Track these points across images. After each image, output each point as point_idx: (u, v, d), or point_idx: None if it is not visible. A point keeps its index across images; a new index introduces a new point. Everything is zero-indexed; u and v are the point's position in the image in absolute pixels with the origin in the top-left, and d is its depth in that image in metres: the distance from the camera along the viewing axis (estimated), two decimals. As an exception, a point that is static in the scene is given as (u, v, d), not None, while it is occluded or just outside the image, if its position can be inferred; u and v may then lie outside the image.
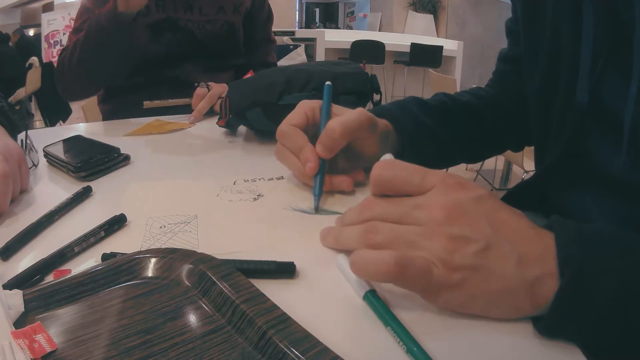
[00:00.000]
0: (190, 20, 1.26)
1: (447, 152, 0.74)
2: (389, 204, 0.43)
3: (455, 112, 0.74)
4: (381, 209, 0.43)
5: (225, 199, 0.61)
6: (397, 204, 0.42)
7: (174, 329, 0.36)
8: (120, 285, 0.42)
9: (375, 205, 0.44)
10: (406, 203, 0.41)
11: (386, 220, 0.42)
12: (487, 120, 0.76)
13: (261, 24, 1.43)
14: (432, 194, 0.40)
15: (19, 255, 0.50)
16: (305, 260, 0.46)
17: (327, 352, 0.33)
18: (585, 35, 0.54)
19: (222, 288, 0.39)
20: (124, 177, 0.71)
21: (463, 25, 8.51)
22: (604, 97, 0.54)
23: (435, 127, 0.70)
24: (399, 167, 0.43)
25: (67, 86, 1.20)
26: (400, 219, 0.41)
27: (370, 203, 0.45)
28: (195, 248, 0.49)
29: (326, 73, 0.81)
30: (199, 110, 1.04)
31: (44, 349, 0.34)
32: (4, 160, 0.59)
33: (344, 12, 11.60)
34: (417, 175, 0.42)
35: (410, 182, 0.42)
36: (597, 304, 0.34)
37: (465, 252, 0.37)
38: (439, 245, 0.37)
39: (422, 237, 0.38)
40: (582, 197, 0.60)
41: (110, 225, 0.53)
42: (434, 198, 0.40)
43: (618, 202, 0.55)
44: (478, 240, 0.37)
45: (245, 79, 0.91)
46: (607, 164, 0.55)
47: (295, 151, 0.60)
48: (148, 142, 0.89)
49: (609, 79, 0.53)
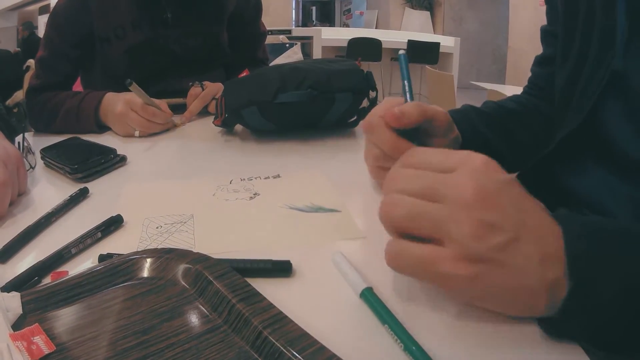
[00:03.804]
0: (169, 37, 1.13)
1: None
2: (414, 177, 0.40)
3: (505, 120, 0.74)
4: (405, 181, 0.40)
5: (222, 198, 0.61)
6: (423, 178, 0.39)
7: (170, 329, 0.37)
8: (117, 286, 0.42)
9: (400, 177, 0.41)
10: (433, 178, 0.38)
11: (409, 194, 0.39)
12: (533, 125, 0.76)
13: (250, 20, 1.33)
14: (461, 172, 0.37)
15: (16, 258, 0.50)
16: (301, 259, 0.46)
17: (323, 351, 0.33)
18: (620, 5, 0.54)
19: (218, 288, 0.39)
20: (121, 178, 0.71)
21: (460, 21, 8.50)
22: (633, 66, 0.54)
23: (488, 133, 0.70)
24: (420, 149, 0.42)
25: (34, 125, 1.08)
26: (424, 193, 0.38)
27: (395, 174, 0.41)
28: (191, 248, 0.49)
29: (321, 70, 0.81)
30: (191, 110, 1.03)
31: (42, 351, 0.35)
32: (3, 166, 0.59)
33: (341, 10, 11.60)
34: (438, 155, 0.40)
35: (431, 162, 0.40)
36: (606, 304, 0.34)
37: (492, 242, 0.34)
38: (467, 231, 0.35)
39: (448, 219, 0.36)
40: (591, 177, 0.61)
41: (106, 226, 0.53)
42: (462, 177, 0.37)
43: (632, 186, 0.56)
44: (507, 230, 0.35)
45: (240, 78, 0.91)
46: (623, 143, 0.55)
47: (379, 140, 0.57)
48: (144, 143, 0.89)
49: (636, 48, 0.53)
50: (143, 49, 1.12)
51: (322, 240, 0.51)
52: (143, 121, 0.92)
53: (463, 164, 0.38)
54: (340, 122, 0.87)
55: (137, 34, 1.11)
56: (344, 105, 0.83)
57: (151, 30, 1.11)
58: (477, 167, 0.38)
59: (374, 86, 0.85)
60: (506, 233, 0.35)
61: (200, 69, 1.20)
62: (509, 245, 0.34)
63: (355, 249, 0.50)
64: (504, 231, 0.35)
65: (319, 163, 0.74)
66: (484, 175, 0.37)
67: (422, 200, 0.38)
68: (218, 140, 0.88)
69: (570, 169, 0.64)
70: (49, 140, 0.81)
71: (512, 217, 0.35)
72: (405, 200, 0.38)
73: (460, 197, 0.36)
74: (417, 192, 0.38)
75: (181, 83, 1.14)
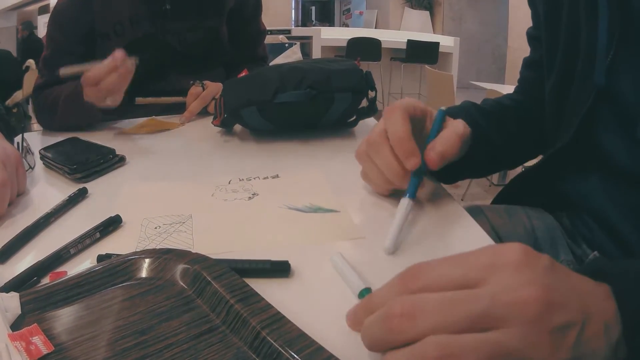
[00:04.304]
0: (169, 32, 1.15)
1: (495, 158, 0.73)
2: (448, 304, 0.30)
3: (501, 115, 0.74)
4: (439, 313, 0.29)
5: (220, 198, 0.61)
6: (463, 303, 0.30)
7: (168, 329, 0.37)
8: (115, 287, 0.42)
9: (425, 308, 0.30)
10: (476, 299, 0.29)
11: (454, 330, 0.29)
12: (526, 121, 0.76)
13: (250, 18, 1.33)
14: (504, 278, 0.30)
15: (15, 258, 0.50)
16: (300, 259, 0.46)
17: (321, 352, 0.33)
18: (602, 20, 0.54)
19: (217, 288, 0.39)
20: (120, 178, 0.71)
21: (459, 21, 8.50)
22: (618, 80, 0.54)
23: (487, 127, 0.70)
24: (422, 265, 0.32)
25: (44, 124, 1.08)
26: (473, 323, 0.29)
27: (412, 305, 0.30)
28: (190, 248, 0.49)
29: (321, 70, 0.81)
30: (191, 110, 1.02)
31: (41, 351, 0.35)
32: (2, 167, 0.59)
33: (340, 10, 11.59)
34: (453, 265, 0.31)
35: (452, 278, 0.31)
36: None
37: (569, 343, 0.29)
38: (543, 347, 0.28)
39: (523, 346, 0.28)
40: (588, 184, 0.61)
41: (105, 226, 0.53)
42: (517, 286, 0.29)
43: (629, 194, 0.56)
44: (576, 322, 0.30)
45: (239, 78, 0.90)
46: (615, 154, 0.56)
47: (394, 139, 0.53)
48: (143, 142, 0.89)
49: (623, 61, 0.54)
50: (142, 45, 1.12)
51: (321, 241, 0.51)
52: (94, 90, 0.89)
53: (497, 267, 0.30)
54: (339, 122, 0.87)
55: (136, 29, 1.11)
56: (343, 105, 0.83)
57: (150, 26, 1.12)
58: (519, 263, 0.30)
59: (373, 86, 0.85)
60: (576, 325, 0.30)
61: (200, 67, 1.21)
62: (581, 335, 0.30)
63: (354, 249, 0.50)
64: (575, 324, 0.30)
65: (318, 163, 0.74)
66: (532, 271, 0.30)
67: (474, 333, 0.29)
68: (217, 140, 0.88)
69: (568, 175, 0.64)
70: (48, 141, 0.81)
71: (575, 303, 0.30)
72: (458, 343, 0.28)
73: (524, 310, 0.29)
74: (463, 326, 0.29)
75: (181, 82, 1.14)
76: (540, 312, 0.28)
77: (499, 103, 0.77)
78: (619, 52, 0.54)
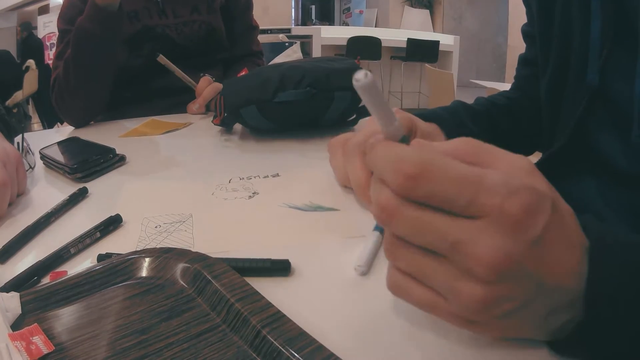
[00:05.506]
0: (167, 26, 1.21)
1: None
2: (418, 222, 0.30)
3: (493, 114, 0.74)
4: (405, 226, 0.30)
5: (221, 197, 0.61)
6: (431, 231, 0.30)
7: (169, 328, 0.37)
8: (116, 286, 0.42)
9: (400, 217, 0.30)
10: (444, 230, 0.29)
11: (412, 242, 0.31)
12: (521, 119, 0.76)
13: (240, 13, 1.37)
14: (482, 229, 0.28)
15: (15, 258, 0.50)
16: (300, 258, 0.46)
17: (322, 350, 0.33)
18: (594, 20, 0.54)
19: (217, 287, 0.39)
20: (120, 177, 0.71)
21: (459, 19, 8.50)
22: (612, 80, 0.54)
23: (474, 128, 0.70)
24: (441, 172, 0.29)
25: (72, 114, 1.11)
26: (428, 245, 0.30)
27: (394, 209, 0.30)
28: (190, 247, 0.49)
29: (321, 69, 0.81)
30: (204, 96, 1.06)
31: (41, 351, 0.35)
32: (2, 167, 0.59)
33: (340, 9, 11.58)
34: (465, 193, 0.28)
35: (454, 202, 0.29)
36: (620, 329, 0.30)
37: (495, 312, 0.30)
38: (467, 304, 0.29)
39: (450, 284, 0.30)
40: (585, 186, 0.61)
41: (105, 226, 0.53)
42: (483, 241, 0.28)
43: (627, 195, 0.56)
44: (515, 299, 0.30)
45: (239, 77, 0.90)
46: (612, 155, 0.55)
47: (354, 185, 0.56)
48: (143, 142, 0.89)
49: (617, 61, 0.53)
50: (141, 37, 1.18)
51: (321, 239, 0.51)
52: None
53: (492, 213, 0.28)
54: (339, 121, 0.87)
55: (134, 24, 1.17)
56: (343, 103, 0.83)
57: (149, 19, 1.19)
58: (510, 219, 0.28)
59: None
60: (514, 302, 0.30)
61: (201, 65, 1.23)
62: (514, 310, 0.30)
63: (354, 247, 0.50)
64: (512, 300, 0.30)
65: (318, 162, 0.74)
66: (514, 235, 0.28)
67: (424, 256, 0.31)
68: (217, 139, 0.88)
69: (564, 176, 0.64)
70: (48, 140, 0.81)
71: (528, 286, 0.30)
72: (402, 253, 0.32)
73: (472, 268, 0.29)
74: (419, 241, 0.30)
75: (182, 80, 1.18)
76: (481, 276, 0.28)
77: (492, 102, 0.76)
78: (613, 52, 0.53)
